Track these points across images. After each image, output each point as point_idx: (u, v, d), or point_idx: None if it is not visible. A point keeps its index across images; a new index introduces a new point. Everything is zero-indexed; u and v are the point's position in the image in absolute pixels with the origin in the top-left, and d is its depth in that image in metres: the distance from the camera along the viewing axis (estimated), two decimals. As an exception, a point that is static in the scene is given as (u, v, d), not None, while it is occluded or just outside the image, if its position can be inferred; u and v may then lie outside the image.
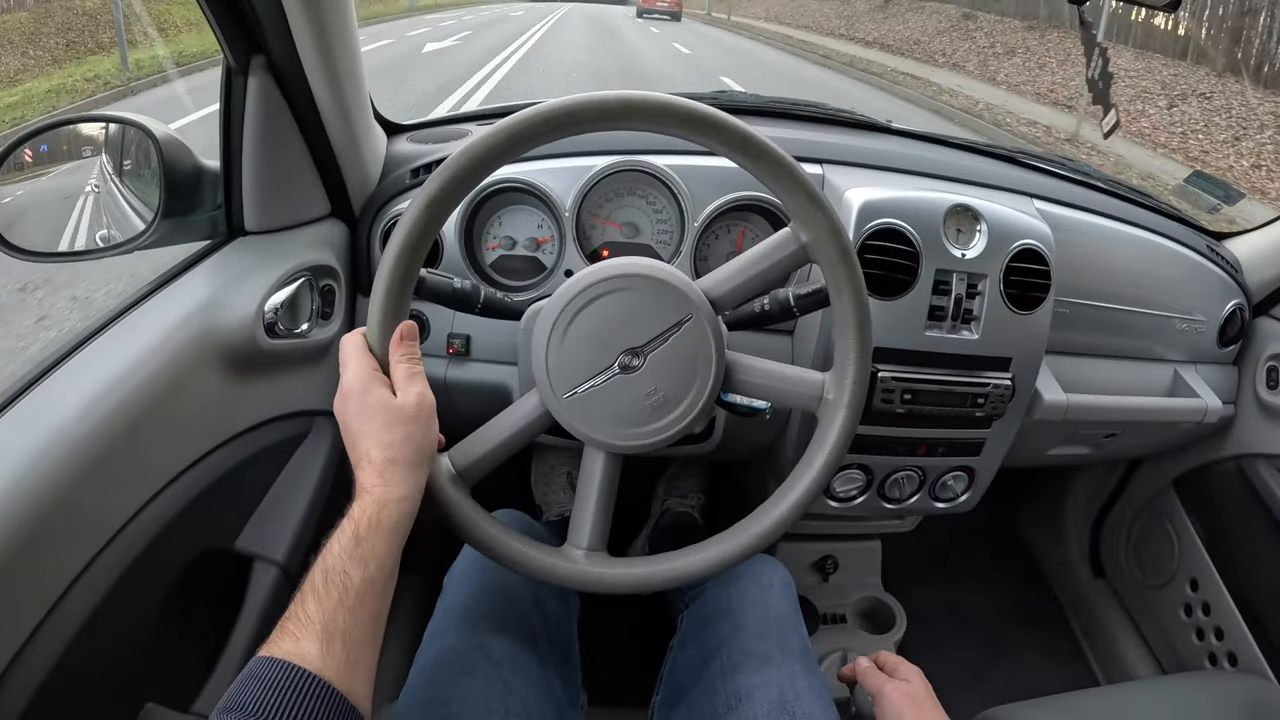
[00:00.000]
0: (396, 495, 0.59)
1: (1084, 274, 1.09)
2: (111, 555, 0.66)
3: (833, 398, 0.71)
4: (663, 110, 0.64)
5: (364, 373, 0.63)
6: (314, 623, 0.51)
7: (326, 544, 0.56)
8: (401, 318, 0.66)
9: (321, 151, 0.92)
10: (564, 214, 0.97)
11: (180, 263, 0.87)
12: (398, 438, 0.60)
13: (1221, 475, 1.31)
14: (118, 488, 0.68)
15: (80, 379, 0.68)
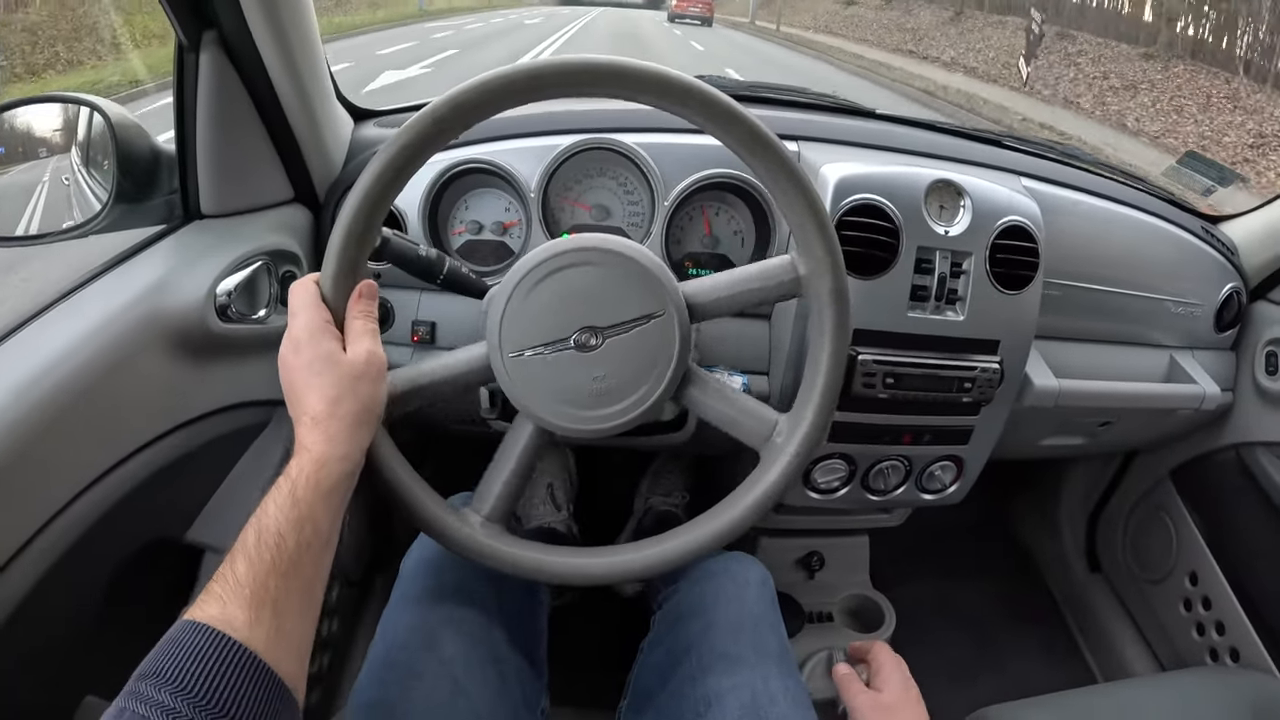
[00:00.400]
0: (338, 454, 0.56)
1: (1074, 255, 1.06)
2: (45, 543, 0.64)
3: (780, 442, 0.70)
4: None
5: (315, 323, 0.60)
6: (243, 587, 0.48)
7: (260, 506, 0.53)
8: (357, 273, 0.63)
9: (281, 133, 0.88)
10: (529, 195, 0.94)
11: (132, 246, 0.83)
12: (344, 393, 0.58)
13: (1220, 465, 1.27)
14: (55, 473, 0.65)
15: (16, 361, 0.65)
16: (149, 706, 0.42)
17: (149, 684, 0.43)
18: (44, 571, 0.63)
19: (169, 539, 0.79)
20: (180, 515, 0.80)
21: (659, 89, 0.62)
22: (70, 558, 0.65)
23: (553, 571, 0.71)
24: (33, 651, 0.63)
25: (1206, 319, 1.19)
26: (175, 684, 0.43)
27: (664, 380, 0.67)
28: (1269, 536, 1.17)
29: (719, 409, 0.71)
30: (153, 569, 0.76)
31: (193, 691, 0.43)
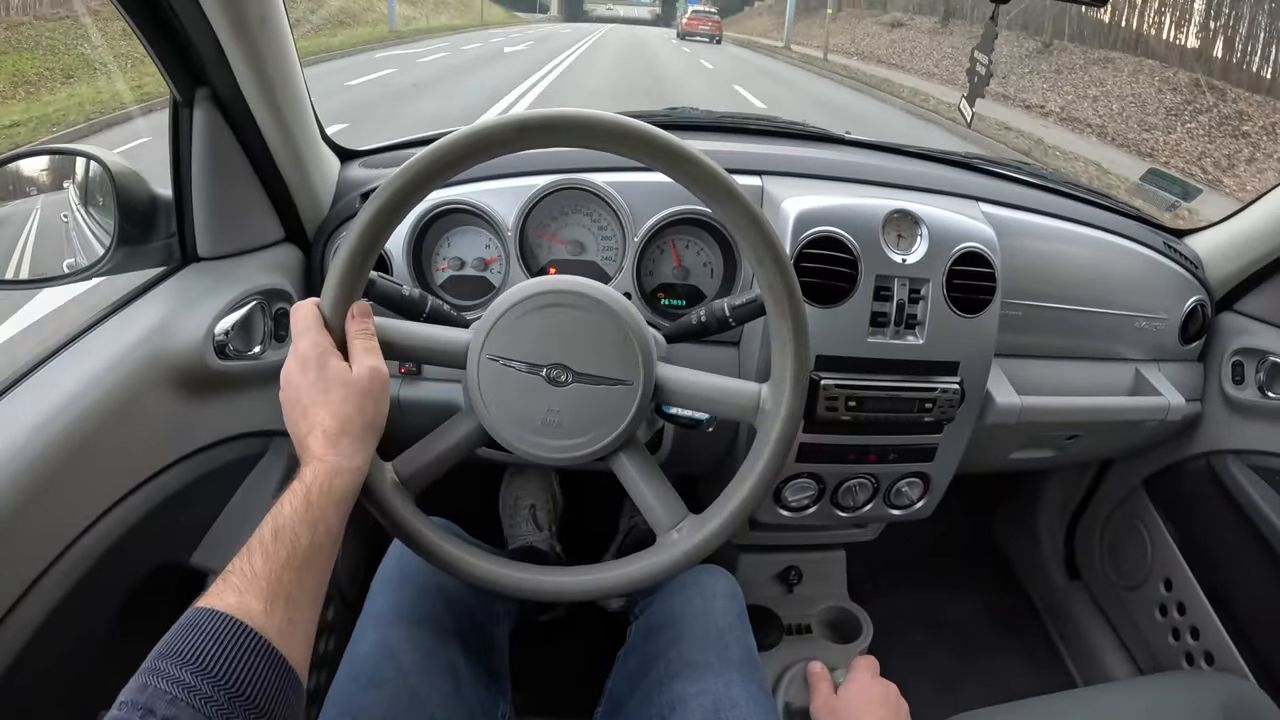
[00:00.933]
0: (349, 464, 0.61)
1: (1035, 276, 1.10)
2: (63, 569, 0.68)
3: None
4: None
5: (321, 344, 0.64)
6: (260, 579, 0.51)
7: (276, 505, 0.57)
8: (357, 296, 0.68)
9: (270, 178, 0.93)
10: (507, 234, 0.99)
11: (134, 289, 0.89)
12: (351, 410, 0.62)
13: (1191, 473, 1.31)
14: (70, 503, 0.70)
15: (33, 400, 0.70)
16: (171, 683, 0.45)
17: (169, 663, 0.46)
18: (63, 595, 0.68)
19: (175, 563, 0.84)
20: (185, 541, 0.85)
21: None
22: (86, 582, 0.70)
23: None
24: (51, 669, 0.68)
25: (1171, 332, 1.23)
26: (196, 665, 0.46)
27: (604, 440, 0.72)
28: (1239, 542, 1.20)
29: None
30: (160, 592, 0.81)
31: (213, 672, 0.46)
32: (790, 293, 0.69)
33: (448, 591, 0.82)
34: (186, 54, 0.81)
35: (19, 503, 0.63)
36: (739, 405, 0.74)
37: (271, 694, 0.48)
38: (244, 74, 0.83)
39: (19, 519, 0.63)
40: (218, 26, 0.78)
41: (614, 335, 0.71)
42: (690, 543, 0.73)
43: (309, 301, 0.67)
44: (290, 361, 0.65)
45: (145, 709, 0.44)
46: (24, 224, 0.91)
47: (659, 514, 0.75)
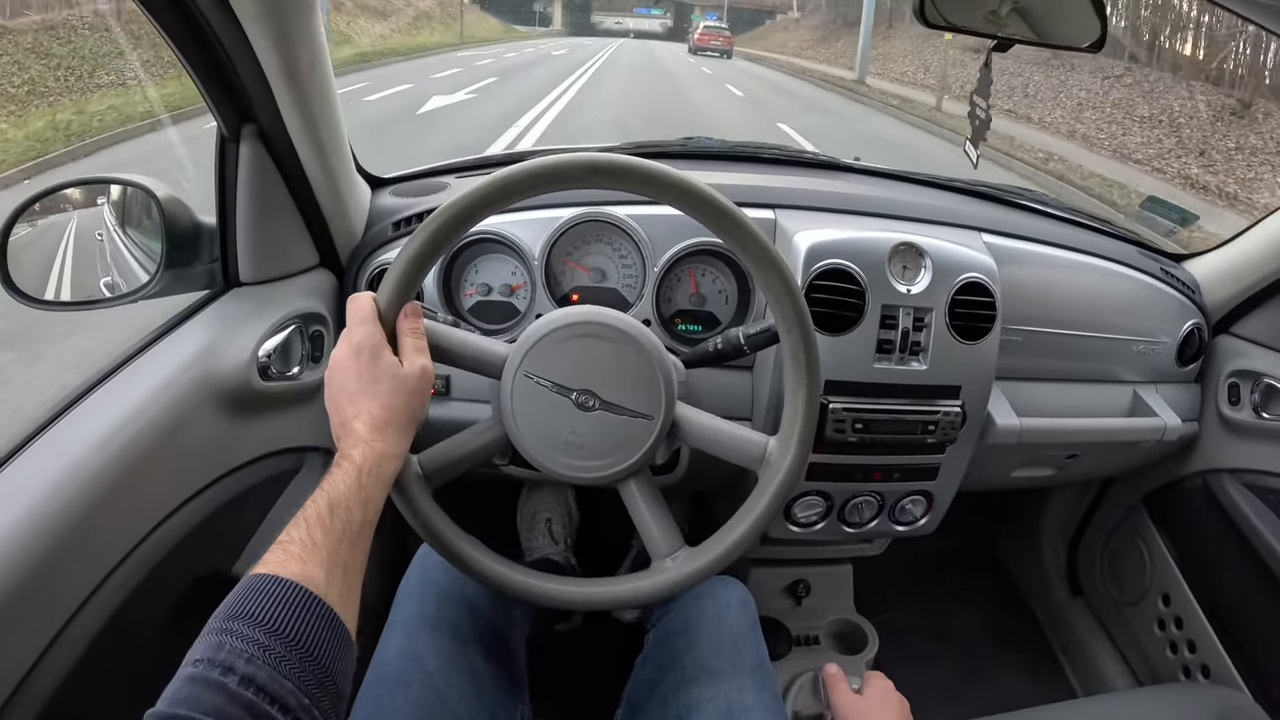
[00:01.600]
0: (393, 451, 0.65)
1: (1035, 302, 1.14)
2: (120, 578, 0.73)
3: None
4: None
5: (375, 336, 0.69)
6: (321, 549, 0.54)
7: (326, 480, 0.60)
8: (410, 296, 0.73)
9: (309, 208, 0.99)
10: (533, 262, 1.04)
11: (180, 312, 0.94)
12: (399, 402, 0.67)
13: (1189, 491, 1.34)
14: (126, 516, 0.75)
15: (92, 419, 0.76)
16: (246, 642, 0.48)
17: (241, 623, 0.49)
18: (120, 603, 0.73)
19: (219, 573, 0.89)
20: (227, 552, 0.90)
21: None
22: (141, 590, 0.75)
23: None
24: (108, 675, 0.72)
25: (1169, 355, 1.27)
26: (268, 625, 0.49)
27: (619, 466, 0.77)
28: (1235, 558, 1.23)
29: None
30: (204, 600, 0.85)
31: (284, 633, 0.49)
32: (804, 328, 0.75)
33: (468, 599, 0.87)
34: (236, 93, 0.86)
35: (80, 517, 0.68)
36: (746, 454, 0.79)
37: (335, 656, 0.51)
38: (290, 113, 0.89)
39: (81, 531, 0.68)
40: (269, 70, 0.84)
41: (642, 371, 0.76)
42: (681, 572, 0.78)
43: (366, 294, 0.72)
44: (343, 347, 0.69)
45: (224, 666, 0.46)
46: (59, 243, 0.95)
47: (657, 541, 0.80)
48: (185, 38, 0.80)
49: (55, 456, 0.71)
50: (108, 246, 0.98)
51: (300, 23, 0.83)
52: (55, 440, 0.73)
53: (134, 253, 0.97)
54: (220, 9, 0.77)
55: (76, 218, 0.97)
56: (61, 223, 0.96)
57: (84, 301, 0.96)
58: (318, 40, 0.87)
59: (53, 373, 2.41)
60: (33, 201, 0.89)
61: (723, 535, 0.79)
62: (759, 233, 0.73)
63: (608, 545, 1.44)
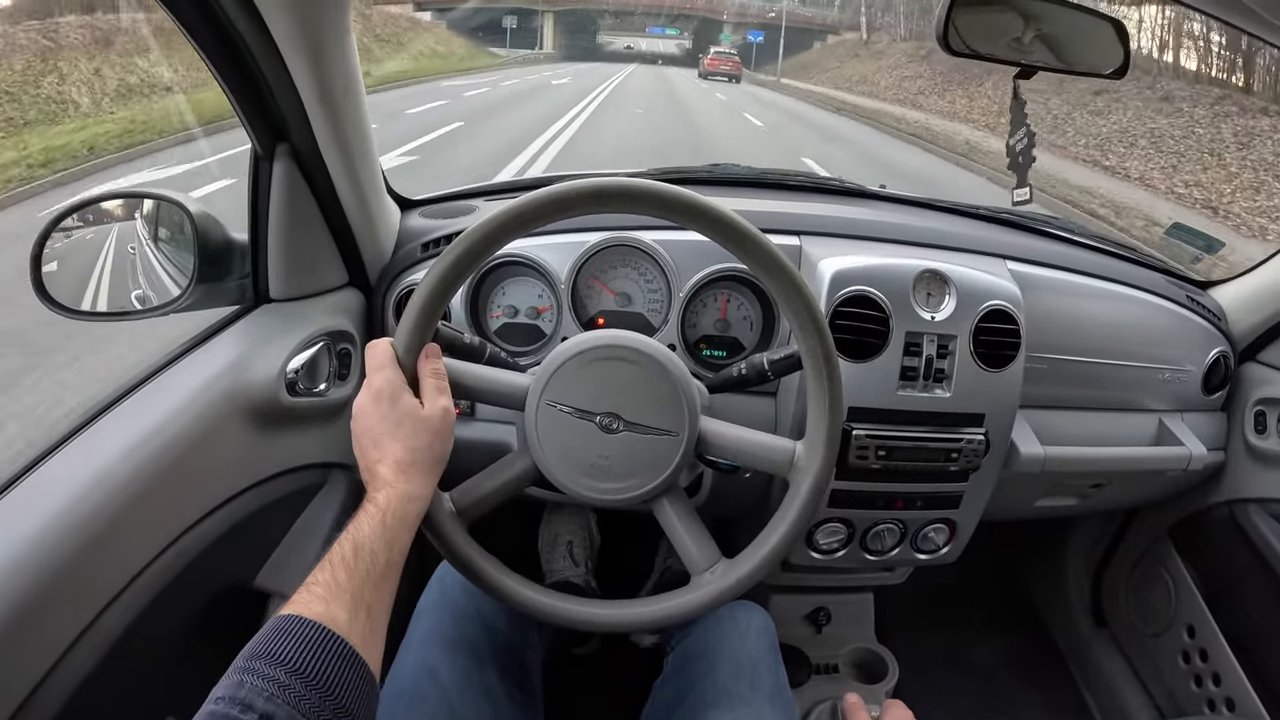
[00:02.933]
0: (418, 493, 0.67)
1: (1059, 330, 1.14)
2: (143, 584, 0.74)
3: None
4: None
5: (395, 381, 0.70)
6: (344, 591, 0.56)
7: (352, 524, 0.62)
8: (428, 338, 0.74)
9: (339, 227, 1.01)
10: (560, 286, 1.05)
11: (211, 325, 0.96)
12: (421, 444, 0.68)
13: (1214, 521, 1.32)
14: (153, 523, 0.76)
15: (123, 427, 0.77)
16: (267, 681, 0.49)
17: (263, 663, 0.50)
18: (142, 608, 0.74)
19: (241, 584, 0.90)
20: (250, 564, 0.91)
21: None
22: (163, 597, 0.76)
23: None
24: (129, 676, 0.73)
25: (1194, 383, 1.25)
26: (290, 665, 0.50)
27: (649, 485, 0.77)
28: (1260, 589, 1.21)
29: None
30: (226, 610, 0.87)
31: (305, 673, 0.50)
32: (828, 356, 0.75)
33: (485, 618, 0.87)
34: (271, 113, 0.88)
35: (108, 521, 0.70)
36: (775, 460, 0.79)
37: (356, 696, 0.53)
38: (323, 134, 0.90)
39: (109, 535, 0.70)
40: (304, 92, 0.86)
41: (663, 389, 0.76)
42: (723, 584, 0.77)
43: (384, 340, 0.73)
44: (364, 394, 0.70)
45: (244, 704, 0.48)
46: (95, 254, 0.96)
47: (695, 556, 0.80)
48: (224, 60, 0.82)
49: (85, 462, 0.72)
50: (139, 259, 1.00)
51: (335, 47, 0.85)
52: (85, 446, 0.75)
53: (166, 266, 0.99)
54: (259, 33, 0.79)
55: (116, 230, 0.98)
56: (97, 234, 0.98)
57: (116, 313, 0.98)
58: (351, 64, 0.89)
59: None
60: (68, 213, 0.92)
61: (760, 543, 0.78)
62: (783, 258, 0.74)
63: (628, 569, 1.43)
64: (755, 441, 0.80)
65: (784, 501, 0.78)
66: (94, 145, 6.31)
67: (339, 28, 0.84)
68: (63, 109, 7.14)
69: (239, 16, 0.77)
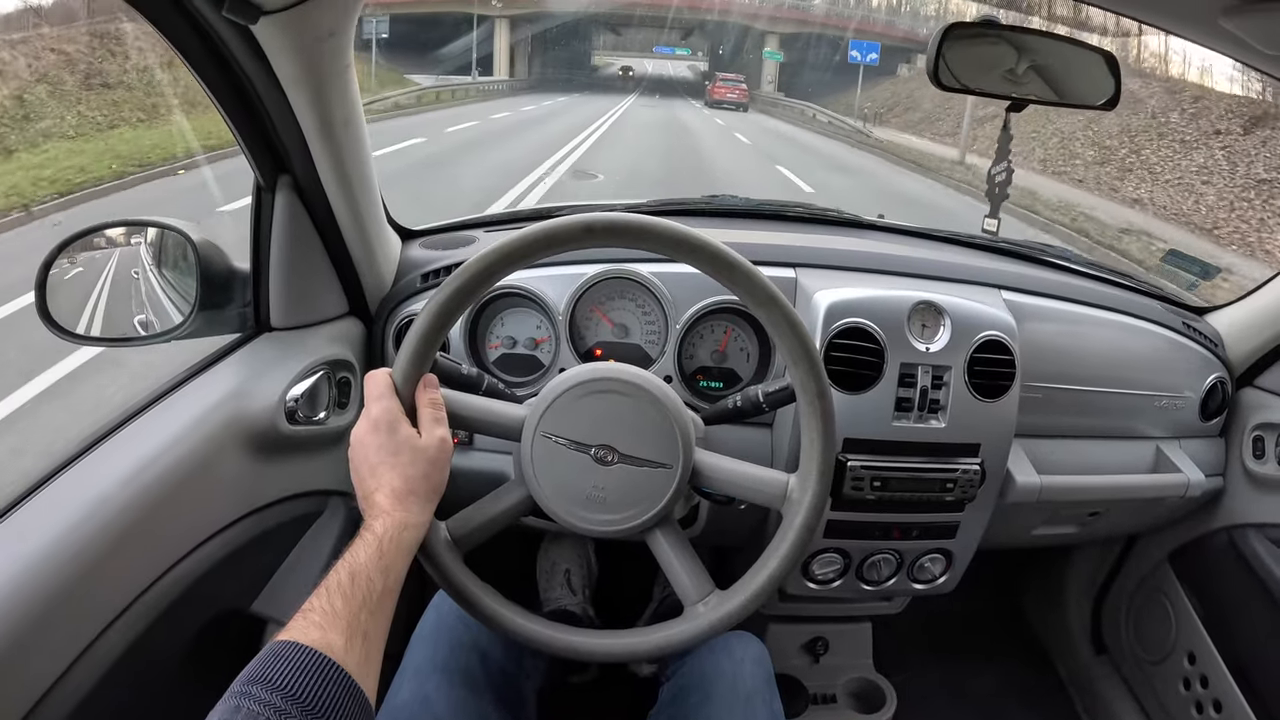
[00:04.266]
0: (415, 521, 0.68)
1: (1055, 359, 1.14)
2: (141, 607, 0.75)
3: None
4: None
5: (393, 411, 0.71)
6: (340, 618, 0.57)
7: (349, 551, 0.63)
8: (426, 369, 0.75)
9: (340, 257, 1.02)
10: (558, 317, 1.06)
11: (212, 354, 0.97)
12: (418, 473, 0.69)
13: (1214, 547, 1.32)
14: (151, 548, 0.77)
15: (122, 454, 0.79)
16: (262, 705, 0.50)
17: (259, 688, 0.51)
18: (139, 633, 0.75)
19: (238, 610, 0.91)
20: (247, 590, 0.92)
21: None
22: (160, 622, 0.77)
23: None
24: (126, 699, 0.74)
25: (1192, 409, 1.25)
26: (285, 691, 0.51)
27: (643, 517, 0.78)
28: (1259, 614, 1.21)
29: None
30: (222, 636, 0.87)
31: (301, 698, 0.51)
32: (821, 393, 0.75)
33: (481, 647, 0.88)
34: (273, 146, 0.90)
35: (106, 547, 0.71)
36: (768, 493, 0.79)
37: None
38: (325, 166, 0.92)
39: (106, 561, 0.71)
40: (305, 126, 0.87)
41: (658, 422, 0.77)
42: (715, 615, 0.78)
43: (382, 371, 0.74)
44: (362, 423, 0.71)
45: None
46: (96, 280, 0.97)
47: (687, 587, 0.80)
48: (228, 94, 0.84)
49: (83, 488, 0.73)
50: (143, 285, 1.01)
51: (336, 84, 0.86)
52: (84, 472, 0.76)
53: (169, 293, 1.01)
54: (262, 70, 0.81)
55: (117, 256, 0.99)
56: (101, 261, 0.98)
57: (118, 338, 1.00)
58: (352, 97, 0.91)
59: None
60: (74, 239, 0.93)
61: (753, 575, 0.79)
62: (776, 292, 0.75)
63: (625, 598, 1.43)
64: (748, 474, 0.80)
65: (777, 534, 0.78)
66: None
67: (340, 63, 0.86)
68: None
69: (245, 57, 0.79)
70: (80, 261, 0.96)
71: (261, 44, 0.78)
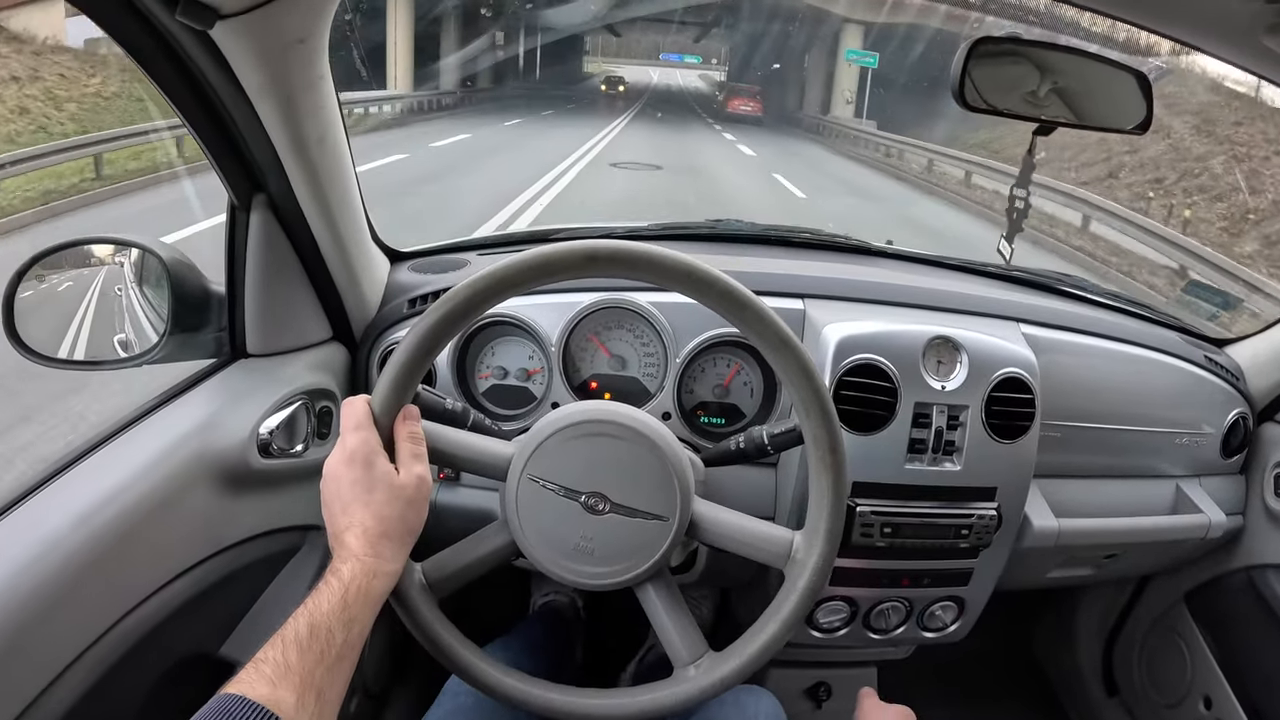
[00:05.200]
0: (387, 569, 0.63)
1: (1075, 396, 1.09)
2: (96, 655, 0.70)
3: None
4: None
5: (370, 444, 0.66)
6: (294, 673, 0.53)
7: (311, 598, 0.58)
8: (407, 399, 0.70)
9: (321, 280, 0.97)
10: (551, 348, 1.01)
11: (183, 381, 0.91)
12: (394, 514, 0.64)
13: (1232, 588, 1.28)
14: (105, 593, 0.71)
15: (78, 490, 0.73)
16: None
17: None
18: (94, 680, 0.69)
19: (205, 654, 0.85)
20: (216, 632, 0.87)
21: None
22: (117, 669, 0.71)
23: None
24: None
25: (1213, 446, 1.21)
26: None
27: (634, 571, 0.73)
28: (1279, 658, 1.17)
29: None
30: (186, 681, 0.82)
31: None
32: (833, 447, 0.71)
33: None
34: (246, 163, 0.85)
35: (57, 591, 0.66)
36: (771, 552, 0.75)
37: None
38: (300, 184, 0.87)
39: (56, 606, 0.66)
40: (277, 141, 0.82)
41: (654, 470, 0.72)
42: (706, 680, 0.74)
43: (361, 398, 0.69)
44: (336, 454, 0.66)
45: None
46: (78, 301, 0.94)
47: (678, 647, 0.76)
48: (193, 107, 0.79)
49: (33, 528, 0.68)
50: (124, 304, 0.98)
51: (308, 95, 0.81)
52: (34, 511, 0.70)
53: (147, 314, 0.96)
54: (227, 80, 0.76)
55: (103, 274, 0.96)
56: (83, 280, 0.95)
57: (89, 361, 0.95)
58: (327, 114, 0.86)
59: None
60: (43, 256, 0.89)
61: (749, 639, 0.74)
62: (789, 334, 0.70)
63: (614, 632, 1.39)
64: (750, 530, 0.75)
65: (778, 596, 0.74)
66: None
67: (312, 73, 0.81)
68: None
69: (208, 65, 0.74)
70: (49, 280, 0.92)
71: (224, 52, 0.73)
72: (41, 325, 0.89)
